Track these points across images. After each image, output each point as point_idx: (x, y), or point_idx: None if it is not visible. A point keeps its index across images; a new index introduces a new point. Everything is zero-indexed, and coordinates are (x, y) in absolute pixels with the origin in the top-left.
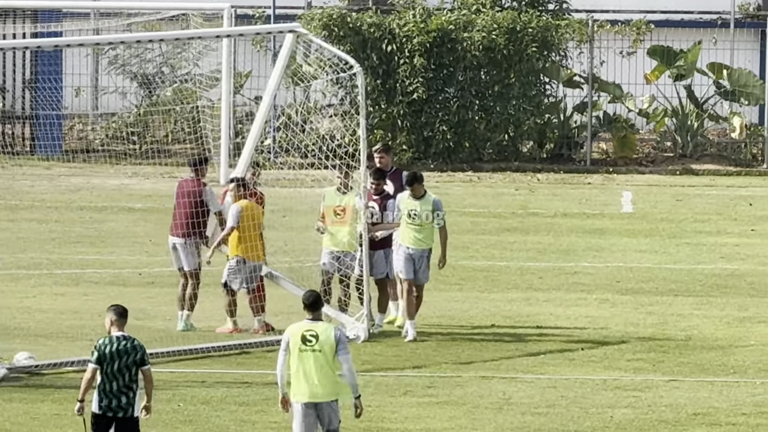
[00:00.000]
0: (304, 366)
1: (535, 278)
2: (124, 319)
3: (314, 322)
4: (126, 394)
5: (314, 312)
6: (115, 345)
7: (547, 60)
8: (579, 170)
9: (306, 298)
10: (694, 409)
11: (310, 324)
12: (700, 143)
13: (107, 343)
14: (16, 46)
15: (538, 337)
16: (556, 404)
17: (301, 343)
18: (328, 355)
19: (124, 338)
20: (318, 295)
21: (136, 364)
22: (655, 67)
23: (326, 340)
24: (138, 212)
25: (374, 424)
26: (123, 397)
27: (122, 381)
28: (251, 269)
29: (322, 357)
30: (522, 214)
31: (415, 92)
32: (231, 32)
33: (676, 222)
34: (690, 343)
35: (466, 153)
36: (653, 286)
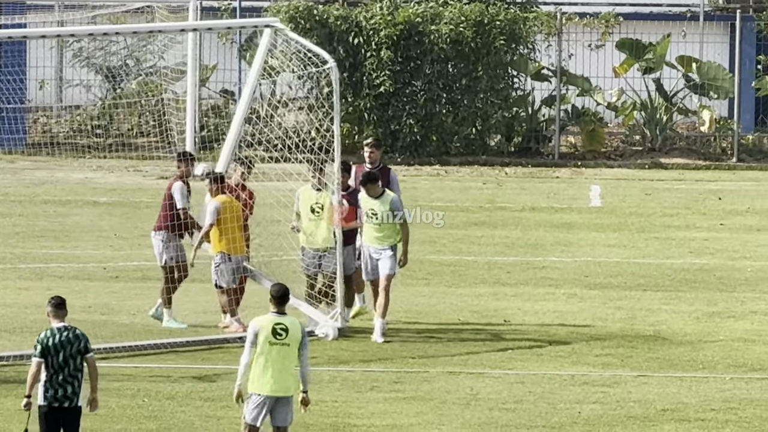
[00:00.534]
0: (270, 359)
1: (502, 273)
2: (63, 310)
3: (281, 315)
4: (71, 383)
5: (281, 306)
6: (57, 336)
7: (515, 53)
8: (547, 164)
9: (275, 292)
10: (663, 405)
11: (278, 317)
12: (669, 137)
13: (49, 336)
14: None
15: (506, 332)
16: (524, 400)
17: (272, 336)
18: (293, 349)
19: (65, 329)
20: (287, 289)
21: (80, 353)
22: (624, 60)
23: (294, 334)
24: (103, 206)
25: (341, 419)
26: (69, 387)
27: (67, 371)
28: (237, 263)
29: (288, 351)
30: (490, 209)
31: (382, 85)
32: (213, 25)
33: (645, 216)
34: (659, 339)
35: (434, 146)
36: (622, 281)
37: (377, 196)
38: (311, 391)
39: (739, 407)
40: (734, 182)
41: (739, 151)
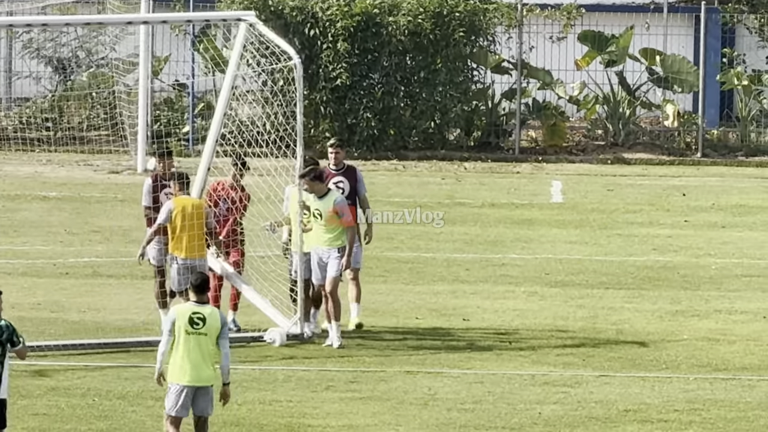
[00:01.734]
0: (187, 349)
1: (461, 270)
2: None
3: (200, 305)
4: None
5: (201, 295)
6: None
7: (474, 45)
8: (507, 159)
9: (195, 280)
10: (626, 406)
11: (196, 306)
12: (632, 131)
13: None
14: None
15: (465, 330)
16: (483, 400)
17: (189, 325)
18: (212, 338)
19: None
20: (207, 278)
21: (1, 344)
22: (586, 53)
23: (212, 324)
24: (52, 201)
25: (295, 420)
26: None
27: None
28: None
29: (205, 341)
30: (448, 204)
31: (339, 78)
32: (189, 18)
33: (607, 212)
34: (621, 338)
35: (391, 141)
36: (583, 279)
37: (321, 196)
38: (267, 390)
39: (702, 408)
40: (699, 178)
41: (704, 146)
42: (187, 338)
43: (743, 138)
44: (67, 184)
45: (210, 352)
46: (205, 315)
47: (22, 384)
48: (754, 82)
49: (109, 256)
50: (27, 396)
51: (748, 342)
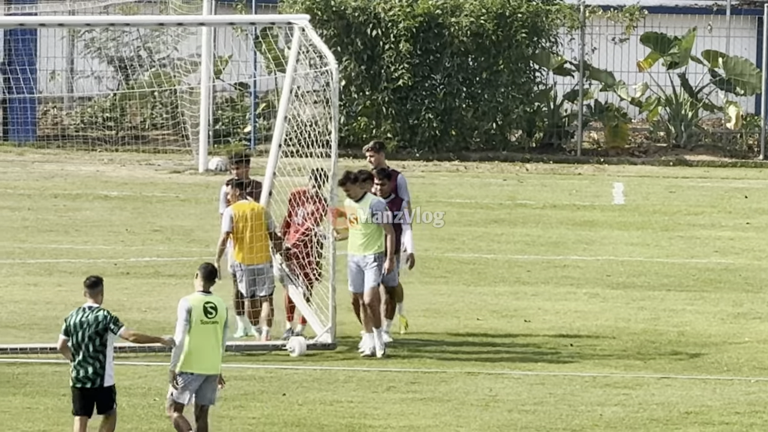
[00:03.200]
0: (201, 338)
1: (523, 271)
2: (95, 290)
3: (208, 294)
4: (92, 364)
5: (208, 284)
6: (78, 316)
7: (537, 46)
8: (569, 160)
9: (203, 269)
10: (687, 408)
11: (206, 296)
12: (694, 133)
13: (73, 314)
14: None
15: (526, 332)
16: (544, 401)
17: (203, 315)
18: (221, 327)
19: (89, 308)
20: (215, 268)
21: (98, 334)
22: (649, 55)
23: (221, 313)
24: (114, 200)
25: (356, 420)
26: (90, 368)
27: (87, 352)
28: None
29: (216, 329)
30: (510, 206)
31: (401, 79)
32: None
33: (669, 214)
34: (683, 340)
35: (453, 142)
36: (645, 281)
37: (358, 199)
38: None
39: (764, 411)
40: (761, 180)
41: (766, 148)
42: (204, 328)
43: None
44: (129, 184)
45: (219, 341)
46: (216, 304)
47: None
48: None
49: (170, 256)
50: None
51: None
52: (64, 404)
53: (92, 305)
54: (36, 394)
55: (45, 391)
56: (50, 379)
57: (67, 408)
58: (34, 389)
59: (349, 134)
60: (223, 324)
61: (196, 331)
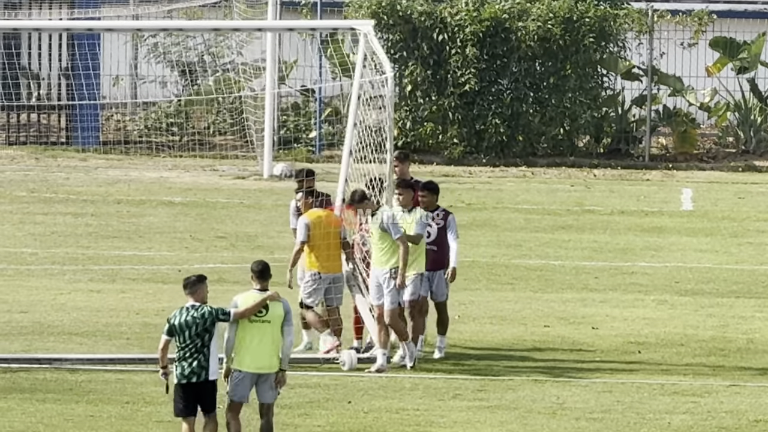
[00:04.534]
0: (252, 337)
1: (590, 278)
2: (195, 287)
3: (264, 292)
4: (197, 359)
5: (263, 282)
6: (183, 315)
7: (604, 51)
8: (637, 166)
9: (256, 266)
10: (756, 416)
11: (258, 295)
12: (763, 139)
13: (177, 314)
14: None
15: (594, 339)
16: (612, 409)
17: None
18: (276, 326)
19: (192, 307)
20: (267, 264)
21: (207, 331)
22: (717, 60)
23: (276, 311)
24: (178, 206)
25: (422, 428)
26: (195, 363)
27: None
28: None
29: (270, 328)
30: (577, 212)
31: (467, 83)
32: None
33: (738, 221)
34: (752, 347)
35: (520, 147)
36: (714, 287)
37: (373, 213)
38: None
39: None
40: None
41: None
42: (251, 326)
43: None
44: (193, 190)
45: (274, 340)
46: (269, 303)
47: (146, 391)
48: None
49: (234, 263)
50: (151, 403)
51: None
52: (127, 412)
53: (194, 304)
54: (99, 402)
55: (108, 399)
56: (113, 387)
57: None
58: (97, 397)
59: (416, 140)
60: (281, 323)
61: (245, 329)
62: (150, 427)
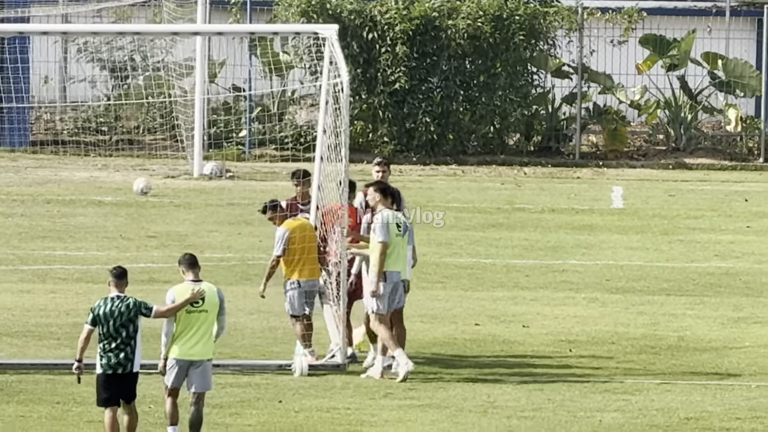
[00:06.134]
0: (188, 326)
1: (521, 276)
2: (123, 280)
3: (197, 282)
4: (124, 350)
5: (195, 271)
6: (108, 306)
7: (534, 49)
8: (568, 164)
9: (185, 258)
10: (687, 413)
11: (194, 285)
12: (693, 136)
13: (101, 305)
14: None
15: (525, 337)
16: (543, 408)
17: (190, 305)
18: (211, 315)
19: (117, 298)
20: (195, 256)
21: (131, 321)
22: (648, 57)
23: (211, 300)
24: (108, 206)
25: (353, 427)
26: (121, 354)
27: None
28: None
29: (206, 317)
30: (508, 210)
31: (397, 82)
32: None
33: (669, 218)
34: (683, 345)
35: (450, 145)
36: (644, 285)
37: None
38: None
39: (765, 416)
40: (761, 183)
41: (766, 151)
42: (188, 317)
43: None
44: (123, 189)
45: (209, 329)
46: (205, 294)
47: (77, 391)
48: None
49: (165, 262)
50: (82, 403)
51: None
52: (58, 412)
53: (119, 294)
54: (30, 402)
55: (39, 399)
56: (44, 387)
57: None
58: (27, 397)
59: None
60: (217, 310)
61: (182, 320)
62: (81, 427)
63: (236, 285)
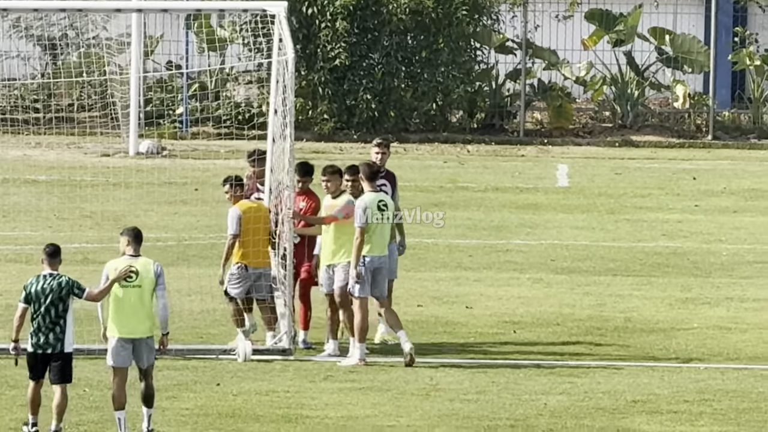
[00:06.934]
0: (123, 302)
1: (464, 256)
2: (55, 258)
3: (134, 258)
4: (53, 330)
5: (137, 246)
6: (40, 283)
7: (478, 24)
8: (512, 141)
9: (128, 231)
10: (634, 396)
11: (130, 260)
12: (640, 113)
13: (33, 282)
14: None
15: (468, 318)
16: (487, 390)
17: (123, 279)
18: (147, 290)
19: (50, 275)
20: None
21: (62, 300)
22: (593, 32)
23: (146, 276)
24: (42, 185)
25: (293, 410)
26: (51, 334)
27: (49, 318)
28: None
29: (141, 293)
30: (451, 188)
31: (338, 58)
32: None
33: (615, 197)
34: (629, 326)
35: (392, 123)
36: (590, 265)
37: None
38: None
39: (713, 398)
40: (709, 161)
41: (715, 128)
42: (123, 292)
43: (755, 120)
44: (57, 168)
45: (147, 304)
46: (139, 268)
47: (10, 374)
48: (767, 62)
49: (100, 242)
50: (15, 386)
51: (761, 330)
52: None
53: (52, 272)
54: None
55: None
56: None
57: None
58: None
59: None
60: (153, 286)
61: (118, 296)
62: (14, 410)
63: (173, 266)
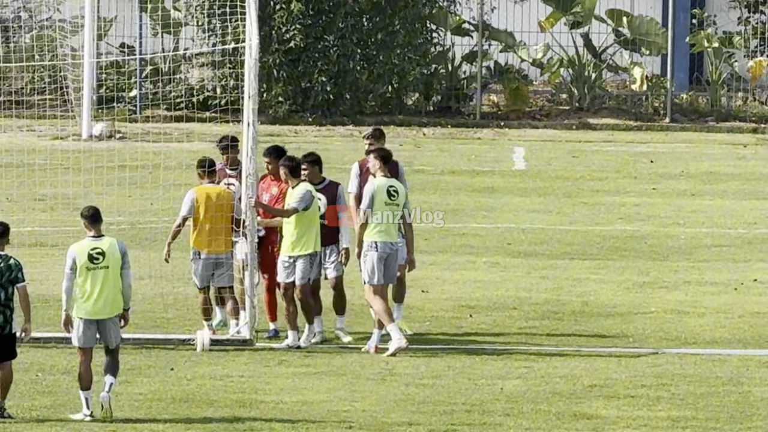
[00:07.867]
0: (91, 284)
1: (420, 240)
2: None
3: (97, 239)
4: (3, 312)
5: (96, 226)
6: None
7: (434, 6)
8: (468, 124)
9: (87, 211)
10: (591, 381)
11: (94, 241)
12: (598, 96)
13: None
14: None
15: (424, 302)
16: (443, 375)
17: (88, 261)
18: (114, 270)
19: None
20: (98, 209)
21: (11, 282)
22: (550, 14)
23: (112, 255)
24: None
25: (247, 395)
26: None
27: None
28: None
29: (108, 273)
30: (407, 171)
31: (292, 40)
32: None
33: (572, 180)
34: (586, 310)
35: (347, 105)
36: (547, 249)
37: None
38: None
39: (671, 383)
40: (667, 144)
41: (673, 110)
42: (89, 274)
43: (713, 103)
44: (9, 151)
45: (115, 285)
46: (104, 249)
47: None
48: (725, 44)
49: (53, 226)
50: None
51: (719, 314)
52: None
53: (1, 253)
54: None
55: None
56: None
57: None
58: None
59: (239, 98)
60: (119, 265)
61: (85, 278)
62: None
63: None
